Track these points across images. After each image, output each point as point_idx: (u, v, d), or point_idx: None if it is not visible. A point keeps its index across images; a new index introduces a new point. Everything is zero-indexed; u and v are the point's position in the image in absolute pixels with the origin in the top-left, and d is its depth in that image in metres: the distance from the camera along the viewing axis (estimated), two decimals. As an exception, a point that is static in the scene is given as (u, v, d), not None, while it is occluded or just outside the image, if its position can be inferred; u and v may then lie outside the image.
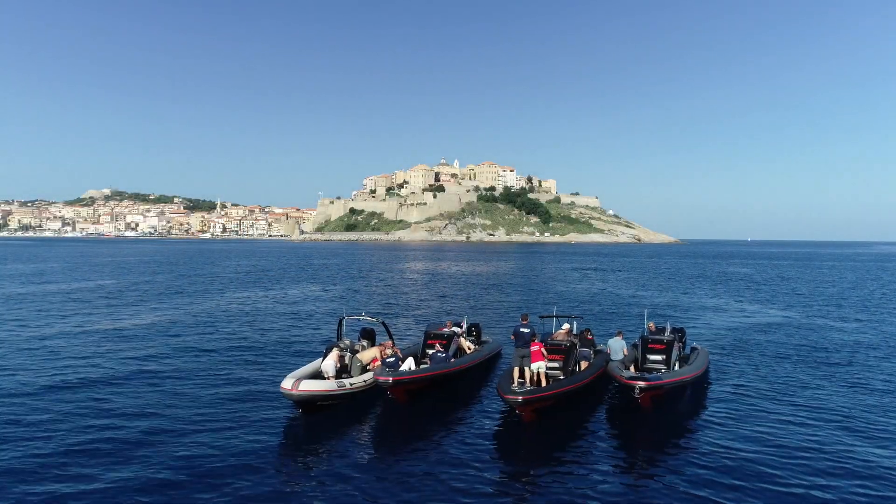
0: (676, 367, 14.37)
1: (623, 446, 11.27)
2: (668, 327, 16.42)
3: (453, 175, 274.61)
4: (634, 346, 15.13)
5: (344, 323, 15.93)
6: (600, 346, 16.13)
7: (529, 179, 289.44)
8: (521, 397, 11.42)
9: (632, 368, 14.06)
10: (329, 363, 13.20)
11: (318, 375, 13.07)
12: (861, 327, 25.50)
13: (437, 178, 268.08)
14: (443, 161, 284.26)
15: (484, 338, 18.65)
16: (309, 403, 11.93)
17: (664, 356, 14.50)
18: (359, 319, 16.76)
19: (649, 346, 14.72)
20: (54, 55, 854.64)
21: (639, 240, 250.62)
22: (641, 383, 12.13)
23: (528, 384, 12.62)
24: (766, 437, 11.34)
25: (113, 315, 26.65)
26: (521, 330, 13.35)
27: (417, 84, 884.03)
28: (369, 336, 15.86)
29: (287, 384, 11.81)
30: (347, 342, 15.00)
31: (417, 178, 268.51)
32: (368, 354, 14.10)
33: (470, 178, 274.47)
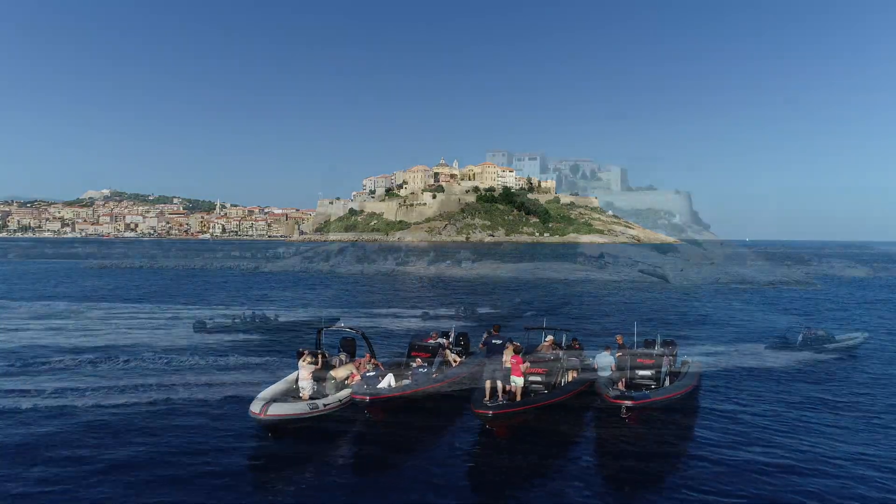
0: (667, 383, 13.97)
1: (603, 465, 10.91)
2: (659, 340, 16.02)
3: (453, 175, 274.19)
4: (623, 359, 14.73)
5: (323, 333, 15.47)
6: (588, 360, 15.73)
7: (529, 180, 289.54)
8: (491, 412, 11.09)
9: (620, 384, 13.69)
10: (306, 383, 12.61)
11: (290, 393, 12.55)
12: (864, 343, 23.73)
13: (436, 179, 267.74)
14: (442, 161, 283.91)
15: (473, 349, 18.28)
16: (279, 428, 11.35)
17: (653, 371, 14.17)
18: (339, 329, 16.29)
19: (638, 360, 14.38)
20: (54, 55, 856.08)
21: (638, 240, 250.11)
22: (628, 402, 11.79)
23: (500, 398, 12.13)
24: (754, 458, 10.95)
25: (73, 328, 25.26)
26: (493, 342, 12.94)
27: (417, 85, 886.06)
28: (349, 347, 15.39)
29: (255, 408, 11.16)
30: (326, 354, 14.52)
31: (417, 178, 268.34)
32: (343, 372, 13.54)
33: (469, 179, 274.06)
